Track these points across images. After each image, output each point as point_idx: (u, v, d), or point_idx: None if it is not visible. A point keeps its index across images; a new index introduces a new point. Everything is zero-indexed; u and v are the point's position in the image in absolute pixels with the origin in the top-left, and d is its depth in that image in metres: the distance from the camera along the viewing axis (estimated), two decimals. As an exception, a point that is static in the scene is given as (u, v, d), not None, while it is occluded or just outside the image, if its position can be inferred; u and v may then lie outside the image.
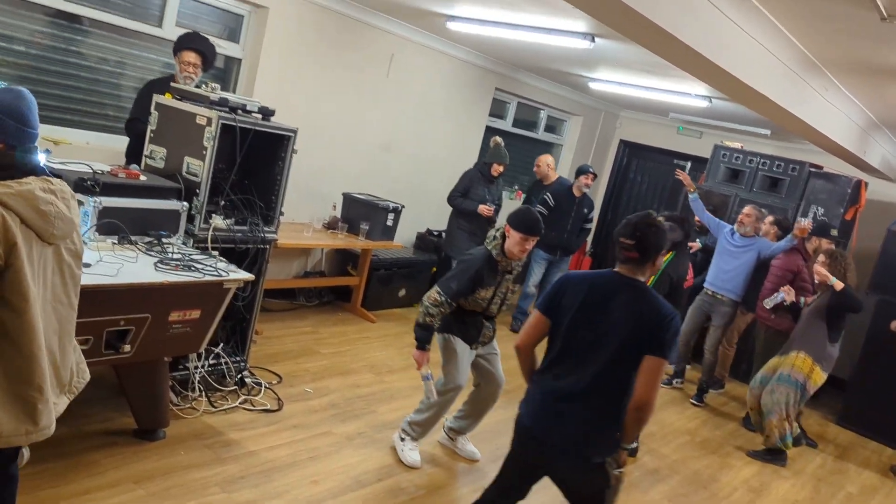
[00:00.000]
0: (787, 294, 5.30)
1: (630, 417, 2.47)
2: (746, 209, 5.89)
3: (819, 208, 6.75)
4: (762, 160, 7.11)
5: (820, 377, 4.89)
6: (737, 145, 7.41)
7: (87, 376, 2.38)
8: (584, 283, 2.60)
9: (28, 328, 2.00)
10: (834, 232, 5.75)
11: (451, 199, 6.42)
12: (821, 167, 6.95)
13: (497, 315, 3.86)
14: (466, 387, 3.90)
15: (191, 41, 4.39)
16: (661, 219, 2.57)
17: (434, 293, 3.60)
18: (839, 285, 4.76)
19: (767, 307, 5.42)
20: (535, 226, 3.57)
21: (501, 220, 4.04)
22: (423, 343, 3.63)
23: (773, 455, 5.04)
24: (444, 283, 3.62)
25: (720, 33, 3.23)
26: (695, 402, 5.97)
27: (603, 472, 2.51)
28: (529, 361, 2.73)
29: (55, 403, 2.18)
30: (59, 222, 2.03)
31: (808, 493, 4.72)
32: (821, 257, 4.95)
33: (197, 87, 4.06)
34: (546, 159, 7.09)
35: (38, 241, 2.01)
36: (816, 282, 5.01)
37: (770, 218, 6.01)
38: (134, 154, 4.31)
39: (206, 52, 4.39)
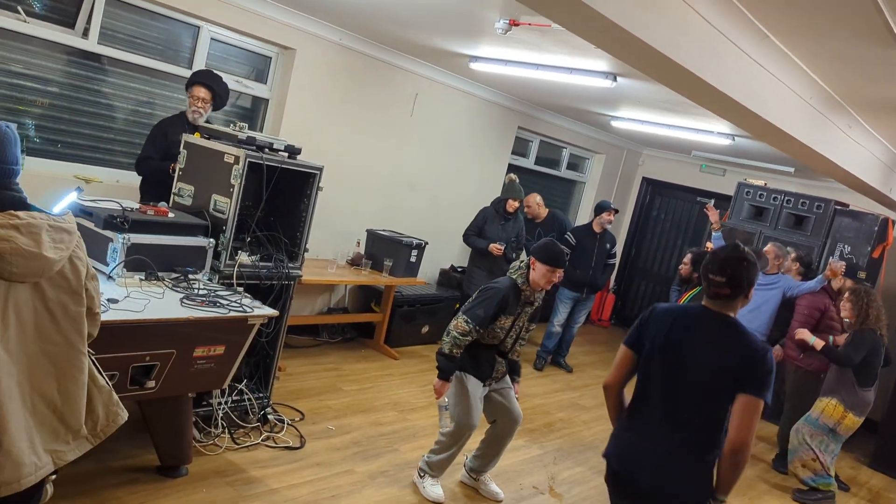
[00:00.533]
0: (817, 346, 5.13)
1: (726, 463, 2.34)
2: (767, 247, 5.85)
3: (846, 246, 6.67)
4: (786, 198, 7.06)
5: (853, 422, 4.79)
6: (760, 183, 7.38)
7: (122, 418, 2.29)
8: (670, 316, 2.51)
9: None
10: (862, 274, 5.70)
11: (465, 238, 6.48)
12: (847, 205, 6.88)
13: (510, 352, 3.83)
14: (482, 425, 3.87)
15: (201, 77, 4.52)
16: (748, 250, 2.49)
17: (461, 322, 3.61)
18: (818, 344, 4.93)
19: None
20: (561, 258, 3.63)
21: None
22: (446, 374, 3.63)
23: (820, 496, 4.90)
24: (470, 311, 3.63)
25: (743, 72, 3.24)
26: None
27: None
28: (618, 401, 2.62)
29: (59, 451, 2.08)
30: (19, 259, 1.89)
31: (842, 539, 4.57)
32: (846, 294, 4.89)
33: (225, 126, 4.16)
34: (534, 198, 7.12)
35: (2, 282, 1.91)
36: (844, 320, 4.94)
37: (793, 254, 5.95)
38: (148, 191, 4.40)
39: (216, 89, 4.51)
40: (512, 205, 6.37)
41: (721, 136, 6.63)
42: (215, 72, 4.69)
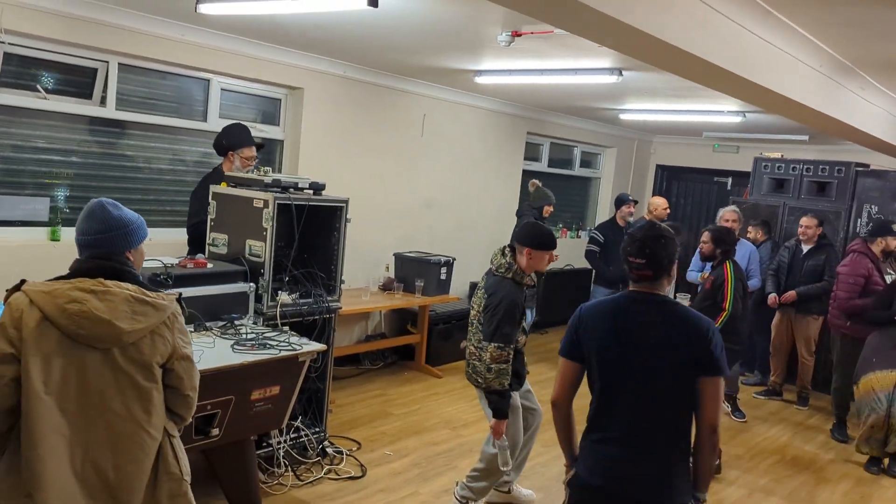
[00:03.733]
0: None
1: (705, 445, 2.28)
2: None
3: (873, 206, 6.62)
4: (805, 166, 7.03)
5: None
6: (777, 155, 7.35)
7: None
8: (602, 313, 2.39)
9: (26, 429, 1.93)
10: (895, 227, 5.61)
11: None
12: (867, 165, 6.84)
13: (524, 345, 3.71)
14: None
15: (253, 138, 4.54)
16: (664, 226, 2.43)
17: (494, 351, 3.37)
18: None
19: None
20: (552, 240, 3.61)
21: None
22: (504, 412, 3.43)
23: None
24: (496, 335, 3.38)
25: (749, 50, 3.27)
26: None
27: None
28: (566, 417, 2.46)
29: None
30: (87, 322, 1.96)
31: (913, 501, 4.53)
32: None
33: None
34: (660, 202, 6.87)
35: (72, 343, 1.98)
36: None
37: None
38: (195, 243, 4.47)
39: (261, 146, 4.60)
40: (548, 210, 6.38)
41: (732, 115, 6.64)
42: (243, 123, 4.76)
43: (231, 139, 4.49)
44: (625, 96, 6.32)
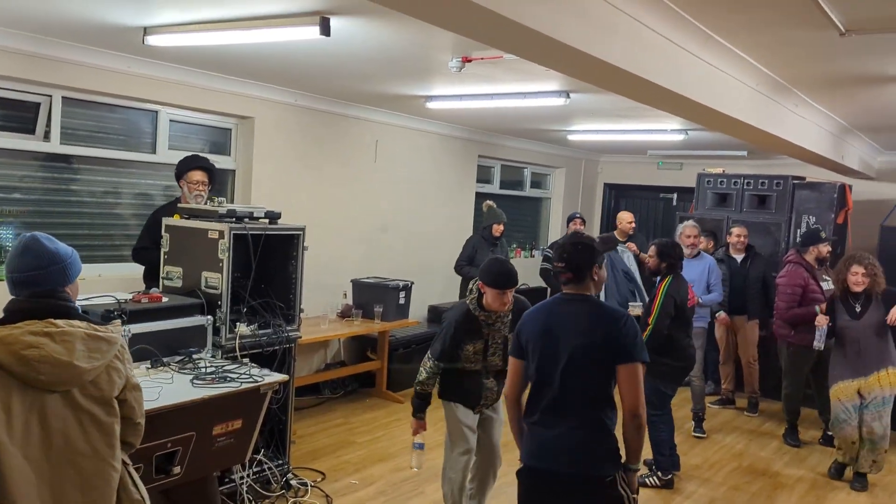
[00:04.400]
0: (822, 323, 5.11)
1: (628, 427, 2.59)
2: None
3: (811, 217, 6.90)
4: (746, 180, 7.29)
5: None
6: (719, 170, 7.61)
7: None
8: (538, 313, 2.76)
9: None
10: (823, 234, 5.83)
11: (458, 269, 6.52)
12: (803, 178, 7.14)
13: (503, 370, 3.53)
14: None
15: (196, 161, 4.50)
16: (586, 236, 2.83)
17: (426, 358, 3.63)
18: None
19: (820, 348, 5.17)
20: (504, 278, 3.41)
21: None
22: (417, 412, 3.65)
23: (863, 482, 4.88)
24: (432, 345, 3.62)
25: (690, 71, 3.41)
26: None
27: (618, 495, 2.57)
28: (516, 409, 2.82)
29: None
30: (47, 367, 1.91)
31: (866, 500, 4.68)
32: (857, 269, 4.80)
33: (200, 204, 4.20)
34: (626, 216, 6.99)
35: (29, 388, 1.92)
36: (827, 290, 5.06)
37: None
38: (152, 280, 4.37)
39: (212, 169, 4.54)
40: (497, 229, 6.48)
41: (675, 133, 6.85)
42: (200, 154, 4.72)
43: (178, 168, 4.47)
44: (572, 118, 6.48)
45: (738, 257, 6.35)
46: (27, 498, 1.92)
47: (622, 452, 2.67)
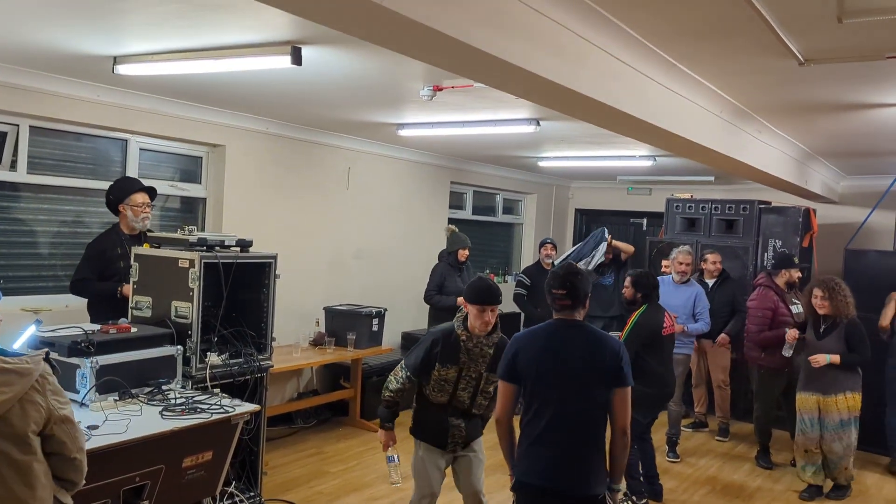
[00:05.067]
0: (792, 338, 5.21)
1: (617, 445, 2.81)
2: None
3: (777, 241, 7.04)
4: (714, 205, 7.42)
5: None
6: (687, 195, 7.74)
7: None
8: (535, 338, 2.88)
9: None
10: (796, 259, 5.97)
11: (427, 299, 6.40)
12: (769, 202, 7.29)
13: (475, 410, 3.46)
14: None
15: (137, 184, 4.45)
16: (580, 267, 3.02)
17: (398, 367, 3.54)
18: (835, 360, 4.78)
19: (789, 355, 5.28)
20: (488, 295, 3.33)
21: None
22: (384, 422, 3.57)
23: (840, 491, 5.02)
24: (407, 355, 3.53)
25: (656, 99, 3.49)
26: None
27: None
28: (510, 431, 2.95)
29: None
30: None
31: (837, 520, 4.73)
32: (817, 292, 4.89)
33: (171, 229, 4.16)
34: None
35: None
36: (797, 313, 5.14)
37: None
38: (97, 312, 4.23)
39: (151, 190, 4.49)
40: (463, 254, 6.43)
41: (643, 159, 6.98)
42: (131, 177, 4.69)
43: (117, 193, 4.38)
44: (542, 144, 6.56)
45: (710, 282, 6.44)
46: None
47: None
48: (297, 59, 3.37)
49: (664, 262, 6.50)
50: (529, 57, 2.49)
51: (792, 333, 5.20)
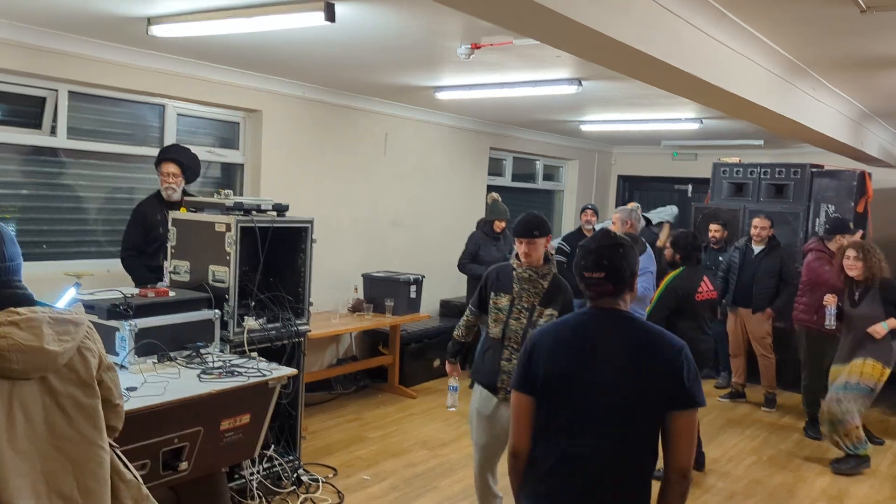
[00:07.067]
0: (830, 302, 4.99)
1: (674, 491, 1.98)
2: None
3: (829, 206, 6.76)
4: (763, 169, 7.15)
5: (886, 376, 4.76)
6: (735, 160, 7.48)
7: None
8: (558, 332, 2.13)
9: None
10: (852, 225, 5.73)
11: (461, 266, 6.36)
12: (822, 166, 7.00)
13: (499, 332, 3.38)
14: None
15: (168, 153, 4.52)
16: (619, 235, 2.19)
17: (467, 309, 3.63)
18: (892, 324, 4.64)
19: (832, 327, 5.01)
20: (522, 228, 3.33)
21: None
22: (448, 356, 3.68)
23: (856, 462, 4.87)
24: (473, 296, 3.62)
25: (705, 52, 3.31)
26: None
27: None
28: (521, 468, 2.12)
29: None
30: (19, 355, 1.85)
31: (889, 492, 4.56)
32: (850, 252, 4.82)
33: (210, 195, 4.16)
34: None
35: (4, 380, 1.85)
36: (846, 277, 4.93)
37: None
38: (138, 278, 4.33)
39: (185, 161, 4.50)
40: (499, 225, 6.35)
41: (689, 122, 6.73)
42: (182, 145, 4.70)
43: (156, 159, 4.52)
44: (584, 107, 6.37)
45: (757, 249, 6.22)
46: (20, 490, 1.87)
47: None
48: (330, 15, 3.27)
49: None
50: (571, 4, 2.35)
51: (829, 298, 5.00)
